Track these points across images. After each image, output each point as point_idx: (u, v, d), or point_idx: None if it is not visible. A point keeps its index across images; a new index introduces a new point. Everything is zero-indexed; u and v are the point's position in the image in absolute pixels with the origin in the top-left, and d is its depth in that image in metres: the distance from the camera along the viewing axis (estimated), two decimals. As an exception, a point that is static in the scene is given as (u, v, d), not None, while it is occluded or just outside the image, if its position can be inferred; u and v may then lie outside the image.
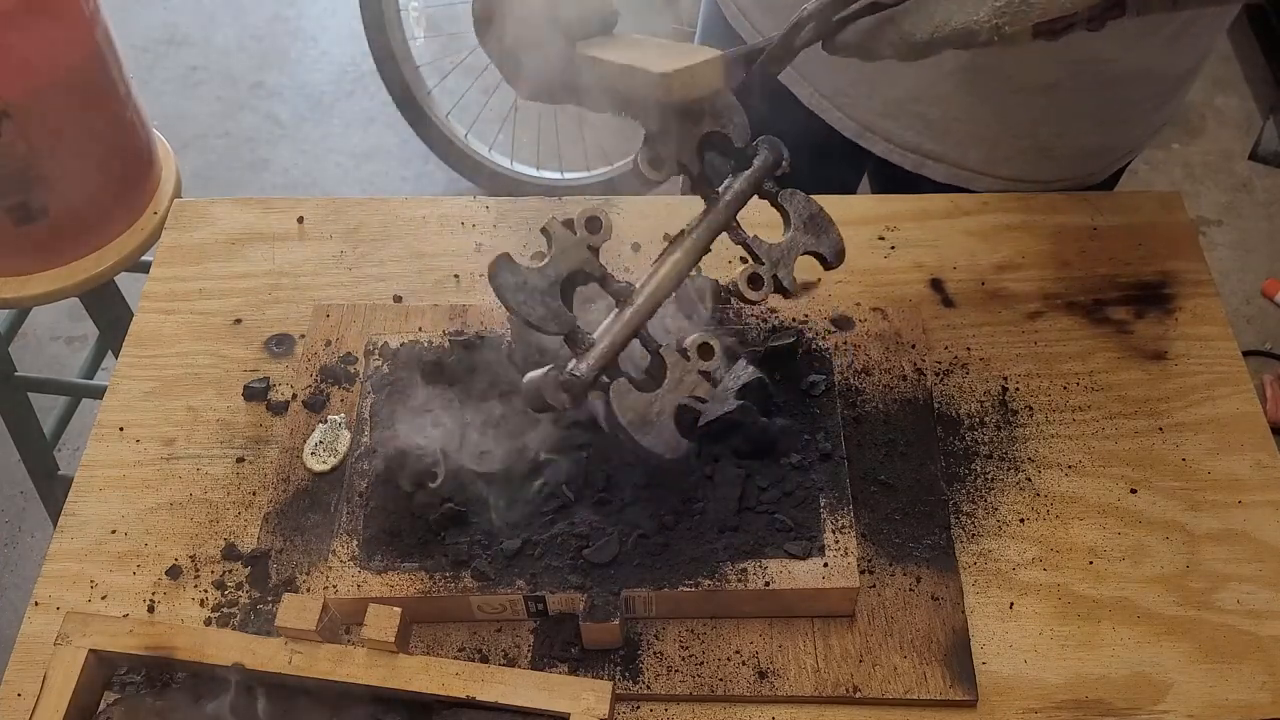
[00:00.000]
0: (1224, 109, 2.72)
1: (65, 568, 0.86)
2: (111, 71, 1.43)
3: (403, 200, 1.09)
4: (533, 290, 0.74)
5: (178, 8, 2.95)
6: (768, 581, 0.79)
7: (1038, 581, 0.84)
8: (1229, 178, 2.60)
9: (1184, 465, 0.90)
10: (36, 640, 0.82)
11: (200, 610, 0.83)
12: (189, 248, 1.06)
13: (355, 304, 0.99)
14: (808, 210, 0.82)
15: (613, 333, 0.76)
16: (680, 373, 0.76)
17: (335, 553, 0.81)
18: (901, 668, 0.79)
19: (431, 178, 2.59)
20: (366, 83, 2.72)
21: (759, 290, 0.80)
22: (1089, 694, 0.79)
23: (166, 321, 1.01)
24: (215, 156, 2.64)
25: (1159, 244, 1.04)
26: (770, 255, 0.80)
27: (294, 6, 2.97)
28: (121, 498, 0.90)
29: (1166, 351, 0.97)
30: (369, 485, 0.84)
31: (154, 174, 1.55)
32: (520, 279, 0.74)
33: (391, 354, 0.92)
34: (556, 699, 0.70)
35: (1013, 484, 0.89)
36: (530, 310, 0.74)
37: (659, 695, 0.79)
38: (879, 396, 0.92)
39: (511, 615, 0.81)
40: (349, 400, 0.93)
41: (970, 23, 0.71)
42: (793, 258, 0.81)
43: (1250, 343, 2.30)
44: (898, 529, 0.85)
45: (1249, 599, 0.83)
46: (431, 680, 0.71)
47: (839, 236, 0.82)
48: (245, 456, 0.92)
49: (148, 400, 0.96)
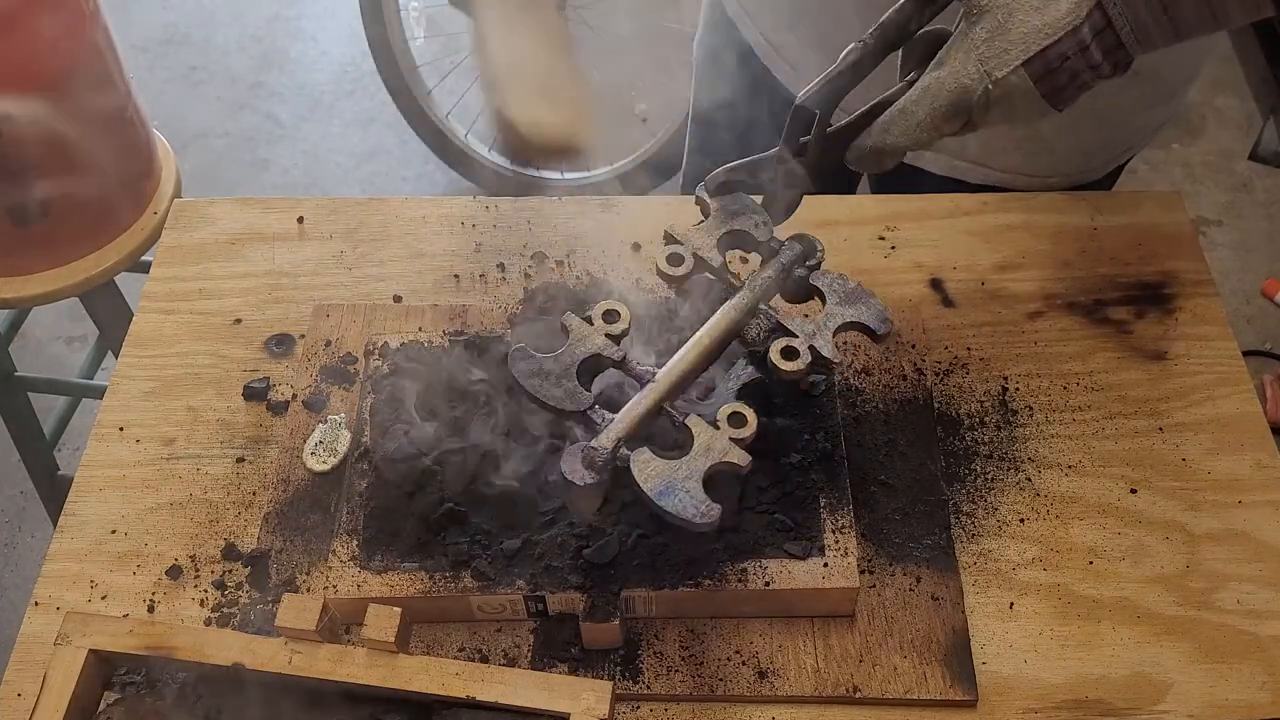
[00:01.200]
0: (1224, 109, 2.72)
1: (65, 568, 0.86)
2: (111, 71, 1.43)
3: (403, 200, 1.09)
4: (548, 374, 0.76)
5: (178, 8, 2.95)
6: (768, 581, 0.79)
7: (1038, 581, 0.84)
8: (1229, 178, 2.60)
9: (1184, 465, 0.90)
10: (36, 640, 0.82)
11: (200, 610, 0.83)
12: (189, 248, 1.06)
13: (355, 304, 0.99)
14: (843, 287, 0.82)
15: (634, 408, 0.76)
16: (709, 439, 0.75)
17: (335, 553, 0.81)
18: (901, 668, 0.79)
19: (431, 178, 2.59)
20: (366, 83, 2.72)
21: (794, 361, 0.78)
22: (1089, 694, 0.79)
23: (166, 321, 1.01)
24: (215, 156, 2.64)
25: (1159, 244, 1.04)
26: (805, 329, 0.79)
27: (294, 6, 2.97)
28: (121, 498, 0.90)
29: (1166, 351, 0.97)
30: (369, 485, 0.84)
31: (154, 174, 1.55)
32: (536, 365, 0.76)
33: (392, 354, 0.92)
34: (556, 699, 0.70)
35: (1013, 484, 0.89)
36: (547, 393, 0.76)
37: (659, 695, 0.79)
38: (879, 396, 0.92)
39: (511, 615, 0.81)
40: (349, 400, 0.93)
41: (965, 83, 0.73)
42: (830, 328, 0.80)
43: (1250, 343, 2.30)
44: (898, 529, 0.85)
45: (1249, 599, 0.83)
46: (431, 680, 0.71)
47: (880, 305, 0.81)
48: (245, 456, 0.92)
49: (148, 400, 0.96)
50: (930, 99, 0.74)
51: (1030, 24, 0.71)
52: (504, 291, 1.01)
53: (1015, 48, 0.71)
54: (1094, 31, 0.71)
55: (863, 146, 0.77)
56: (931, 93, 0.74)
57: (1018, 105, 0.74)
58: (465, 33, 0.87)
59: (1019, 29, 0.71)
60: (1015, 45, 0.72)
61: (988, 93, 0.73)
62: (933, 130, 0.75)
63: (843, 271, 0.83)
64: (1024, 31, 0.71)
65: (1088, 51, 0.72)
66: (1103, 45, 0.72)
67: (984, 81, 0.72)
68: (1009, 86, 0.72)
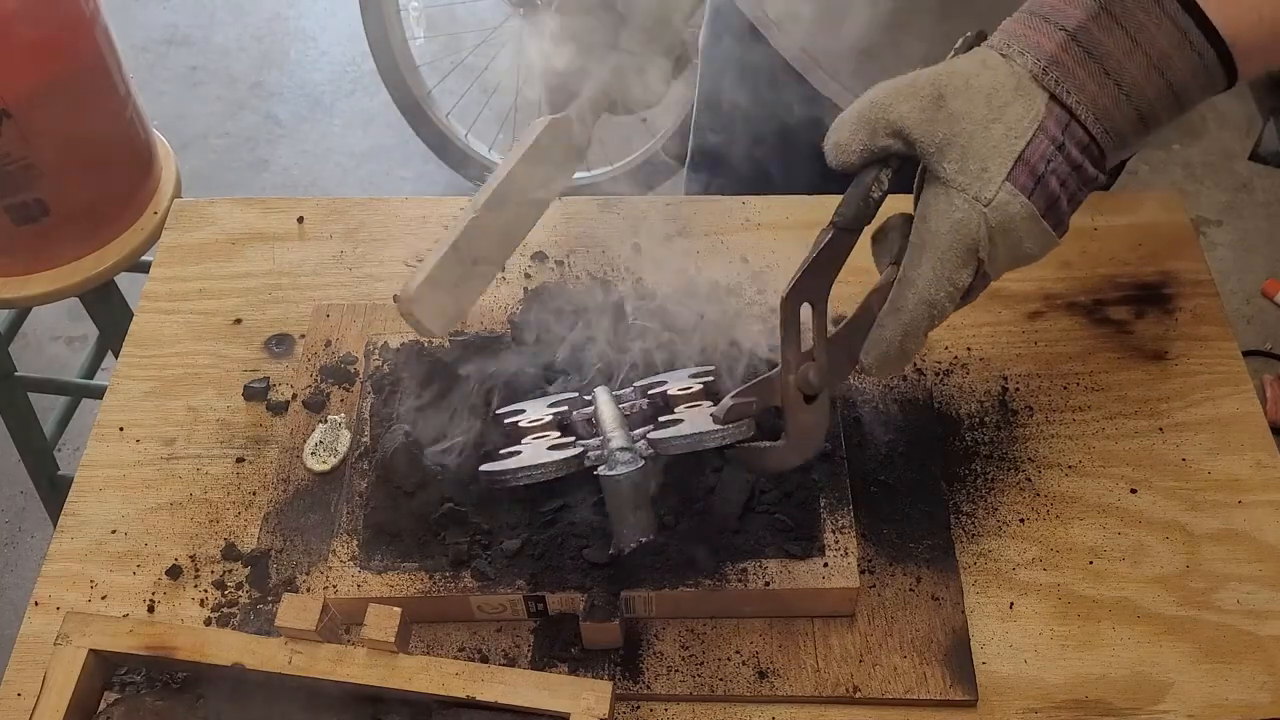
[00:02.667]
0: (1224, 109, 2.72)
1: (65, 568, 0.86)
2: (111, 71, 1.43)
3: (403, 200, 1.09)
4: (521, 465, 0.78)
5: (178, 8, 2.95)
6: (768, 581, 0.79)
7: (1038, 581, 0.84)
8: (1229, 178, 2.60)
9: (1184, 465, 0.90)
10: (36, 640, 0.82)
11: (200, 610, 0.83)
12: (189, 248, 1.06)
13: (355, 304, 0.99)
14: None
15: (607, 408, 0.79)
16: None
17: (335, 553, 0.81)
18: (901, 668, 0.79)
19: (431, 178, 2.59)
20: (366, 83, 2.72)
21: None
22: (1089, 694, 0.79)
23: (166, 321, 1.01)
24: (215, 156, 2.64)
25: (1159, 244, 1.04)
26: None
27: (294, 6, 2.97)
28: (121, 498, 0.90)
29: (1166, 351, 0.97)
30: (369, 485, 0.84)
31: (154, 174, 1.55)
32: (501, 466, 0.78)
33: (392, 354, 0.92)
34: (556, 699, 0.70)
35: (1013, 484, 0.89)
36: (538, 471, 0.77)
37: (659, 695, 0.79)
38: (879, 396, 0.92)
39: (511, 615, 0.81)
40: (349, 400, 0.93)
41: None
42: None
43: (1250, 343, 2.30)
44: (898, 529, 0.85)
45: (1249, 599, 0.83)
46: (431, 680, 0.71)
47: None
48: (245, 456, 0.92)
49: (148, 400, 0.96)
50: (933, 255, 0.68)
51: (994, 134, 0.66)
52: (504, 291, 1.01)
53: (992, 162, 0.66)
54: (1060, 125, 0.67)
55: (883, 341, 0.71)
56: (930, 247, 0.68)
57: (1021, 231, 0.68)
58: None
59: (984, 144, 0.66)
60: (991, 159, 0.66)
61: (985, 220, 0.67)
62: (950, 287, 0.68)
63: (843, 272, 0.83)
64: (992, 144, 0.66)
65: (1065, 150, 0.67)
66: (1075, 141, 0.68)
67: (978, 208, 0.67)
68: (1005, 209, 0.67)
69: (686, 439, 0.74)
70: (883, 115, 0.68)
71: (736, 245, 1.04)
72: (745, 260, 1.02)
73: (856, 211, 0.70)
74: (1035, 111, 0.67)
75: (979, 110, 0.67)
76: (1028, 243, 0.69)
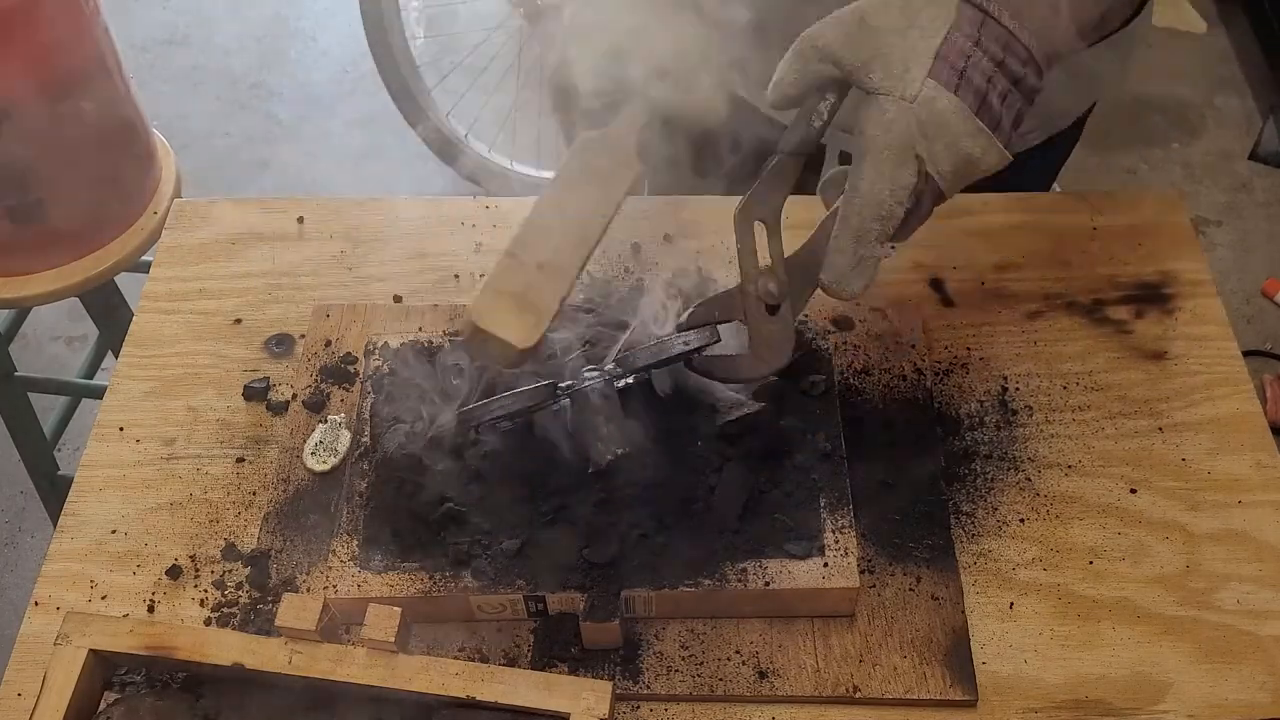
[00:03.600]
0: (1224, 109, 2.72)
1: (65, 568, 0.86)
2: (111, 71, 1.43)
3: (403, 200, 1.09)
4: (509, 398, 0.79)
5: (178, 8, 2.95)
6: (768, 581, 0.79)
7: (1038, 581, 0.84)
8: (1229, 178, 2.60)
9: (1184, 465, 0.90)
10: (36, 640, 0.82)
11: (200, 610, 0.83)
12: (189, 248, 1.06)
13: (355, 304, 0.99)
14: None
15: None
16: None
17: (335, 553, 0.81)
18: (901, 668, 0.79)
19: (431, 178, 2.59)
20: (366, 83, 2.71)
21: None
22: (1089, 694, 0.79)
23: (166, 321, 1.01)
24: (215, 156, 2.64)
25: (1159, 244, 1.04)
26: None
27: (294, 6, 2.97)
28: (121, 498, 0.90)
29: (1166, 351, 0.97)
30: (369, 485, 0.84)
31: (154, 174, 1.55)
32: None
33: (392, 354, 0.92)
34: (556, 699, 0.70)
35: (1013, 484, 0.89)
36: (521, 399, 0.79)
37: (659, 695, 0.79)
38: (879, 396, 0.92)
39: (511, 615, 0.81)
40: (349, 400, 0.93)
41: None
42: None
43: (1250, 343, 2.30)
44: (898, 529, 0.85)
45: (1249, 599, 0.83)
46: (431, 680, 0.71)
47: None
48: (245, 456, 0.92)
49: (148, 400, 0.96)
50: (872, 159, 0.71)
51: (910, 38, 0.70)
52: (504, 291, 1.01)
53: (913, 63, 0.70)
54: (974, 24, 0.70)
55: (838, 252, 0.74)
56: (869, 151, 0.71)
57: (953, 126, 0.70)
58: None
59: (903, 48, 0.70)
60: (911, 60, 0.70)
61: (915, 115, 0.70)
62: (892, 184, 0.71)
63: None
64: (909, 46, 0.70)
65: (984, 46, 0.70)
66: (994, 38, 0.70)
67: (905, 106, 0.70)
68: (932, 105, 0.70)
69: (649, 349, 0.76)
70: (811, 45, 0.72)
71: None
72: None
73: (800, 136, 0.75)
74: (947, 11, 0.70)
75: (895, 21, 0.71)
76: (965, 141, 0.71)
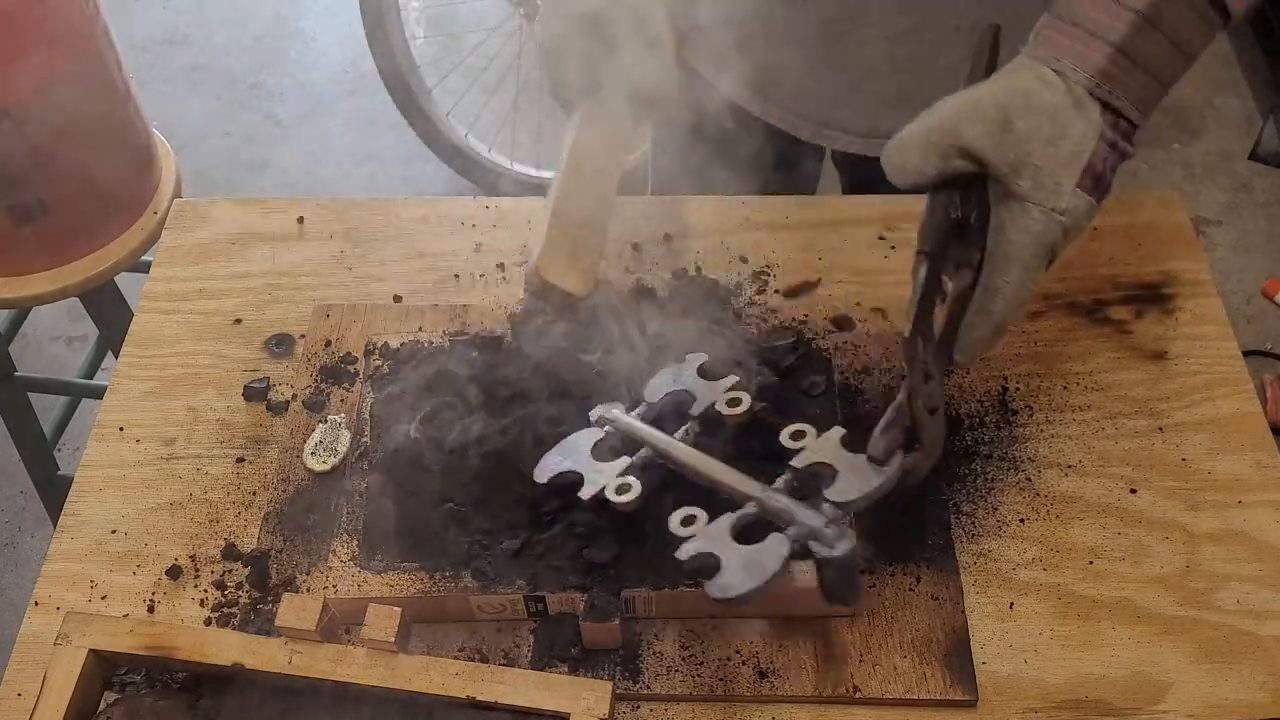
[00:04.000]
0: (1224, 109, 2.72)
1: (65, 568, 0.86)
2: (111, 71, 1.43)
3: (403, 200, 1.09)
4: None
5: (178, 8, 2.95)
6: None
7: (1038, 581, 0.84)
8: (1229, 178, 2.60)
9: (1184, 465, 0.90)
10: (36, 640, 0.82)
11: (200, 610, 0.83)
12: (189, 248, 1.06)
13: (355, 304, 0.99)
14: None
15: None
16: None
17: (335, 553, 0.81)
18: (901, 668, 0.79)
19: (431, 178, 2.59)
20: (366, 83, 2.71)
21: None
22: (1089, 694, 0.79)
23: (166, 321, 1.01)
24: (215, 156, 2.64)
25: (1159, 244, 1.04)
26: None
27: (294, 6, 2.96)
28: (121, 498, 0.90)
29: (1166, 351, 0.97)
30: (369, 485, 0.84)
31: (154, 174, 1.55)
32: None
33: (392, 354, 0.92)
34: (556, 699, 0.70)
35: (1013, 484, 0.89)
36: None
37: (659, 695, 0.79)
38: (879, 396, 0.92)
39: (511, 615, 0.81)
40: (349, 400, 0.93)
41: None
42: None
43: (1250, 343, 2.30)
44: (898, 529, 0.85)
45: (1249, 599, 0.83)
46: (431, 680, 0.71)
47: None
48: (245, 456, 0.92)
49: (148, 400, 0.96)
50: (1019, 264, 0.73)
51: (1062, 151, 0.72)
52: (504, 291, 1.01)
53: (1064, 176, 0.72)
54: (1111, 126, 0.73)
55: (979, 342, 0.76)
56: (1015, 257, 0.73)
57: (1085, 224, 0.74)
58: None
59: (1055, 161, 0.72)
60: (1063, 174, 0.72)
61: (1062, 226, 0.73)
62: (1033, 286, 0.75)
63: (843, 272, 0.83)
64: (1061, 161, 0.72)
65: (1116, 145, 0.74)
66: (1121, 132, 0.74)
67: (1055, 218, 0.72)
68: (1076, 212, 0.73)
69: (868, 496, 0.76)
70: (952, 139, 0.72)
71: (736, 245, 1.04)
72: (745, 260, 1.03)
73: (941, 236, 0.75)
74: (1095, 124, 0.72)
75: (1045, 129, 0.72)
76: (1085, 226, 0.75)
